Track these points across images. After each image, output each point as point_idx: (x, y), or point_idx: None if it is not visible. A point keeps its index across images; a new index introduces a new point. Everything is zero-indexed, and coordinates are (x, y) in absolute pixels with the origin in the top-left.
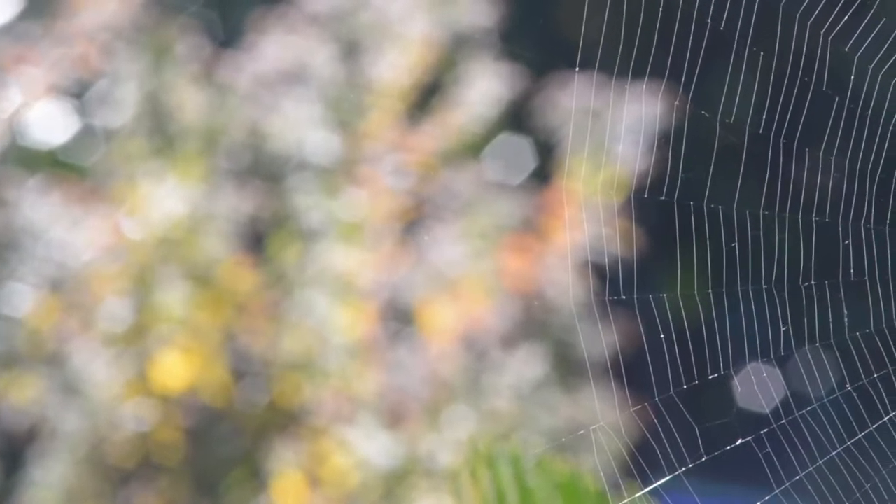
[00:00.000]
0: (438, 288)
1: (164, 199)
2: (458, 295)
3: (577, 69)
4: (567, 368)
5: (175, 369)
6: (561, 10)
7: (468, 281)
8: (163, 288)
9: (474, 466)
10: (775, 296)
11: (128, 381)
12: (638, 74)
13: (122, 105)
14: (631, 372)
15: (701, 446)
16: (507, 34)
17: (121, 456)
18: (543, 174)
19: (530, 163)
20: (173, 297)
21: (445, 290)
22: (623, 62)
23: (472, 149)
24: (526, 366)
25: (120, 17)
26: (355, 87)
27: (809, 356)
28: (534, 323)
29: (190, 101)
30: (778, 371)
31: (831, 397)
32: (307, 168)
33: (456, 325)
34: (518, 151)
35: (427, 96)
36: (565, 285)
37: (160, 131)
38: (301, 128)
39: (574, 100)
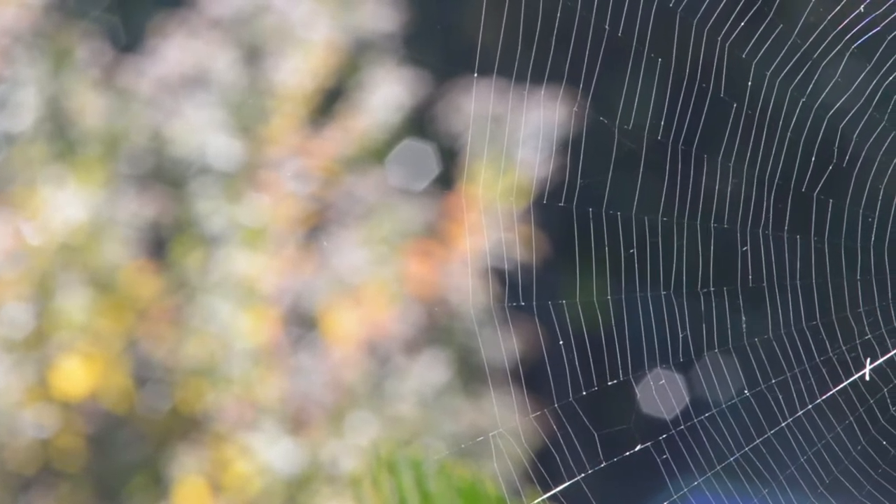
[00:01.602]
0: (341, 293)
1: (65, 204)
2: (361, 300)
3: (475, 75)
4: (470, 374)
5: (76, 375)
6: (463, 15)
7: (371, 286)
8: (64, 293)
9: (376, 472)
10: (674, 302)
11: (28, 387)
12: (537, 80)
13: (23, 110)
14: (532, 378)
15: (600, 452)
16: (410, 39)
17: (21, 462)
18: (446, 180)
19: (433, 168)
20: (74, 303)
21: (348, 296)
22: (523, 68)
23: (376, 154)
24: (428, 371)
25: (20, 21)
26: (257, 92)
27: (708, 362)
28: (436, 328)
29: (91, 106)
30: (677, 377)
31: (730, 403)
32: (209, 173)
33: (359, 331)
34: (421, 157)
35: (330, 101)
36: (468, 291)
37: (61, 136)
38: (203, 132)
39: (475, 105)
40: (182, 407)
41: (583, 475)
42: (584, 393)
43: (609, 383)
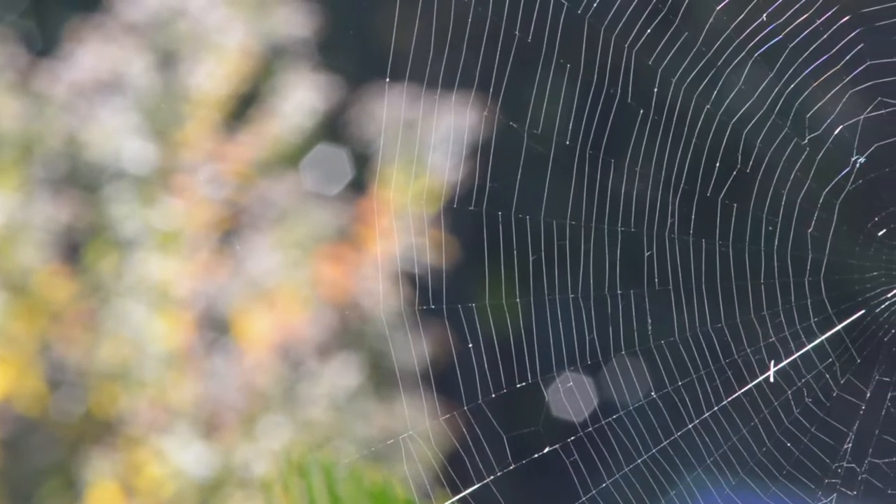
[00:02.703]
0: (255, 297)
1: None
2: (274, 304)
3: (387, 80)
4: (381, 377)
5: None
6: (376, 21)
7: (284, 290)
8: None
9: (286, 476)
10: (581, 305)
11: None
12: (448, 85)
13: None
14: (443, 381)
15: (509, 454)
16: (324, 45)
17: None
18: (360, 184)
19: (347, 173)
20: None
21: (261, 300)
22: (435, 74)
23: (290, 159)
24: (341, 375)
25: None
26: (172, 97)
27: (616, 364)
28: (349, 332)
29: (6, 110)
30: (585, 379)
31: (637, 405)
32: (124, 177)
33: (272, 335)
34: (335, 162)
35: (244, 106)
36: (379, 295)
37: None
38: (118, 137)
39: (387, 111)
40: (96, 410)
41: (492, 477)
42: (494, 395)
43: (518, 386)
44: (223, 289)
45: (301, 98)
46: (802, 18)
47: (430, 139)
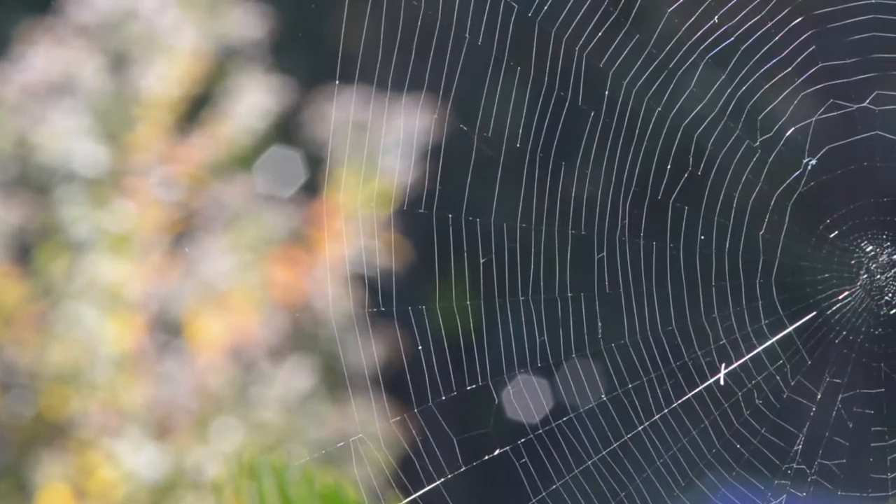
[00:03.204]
0: (207, 300)
1: None
2: (227, 307)
3: (336, 83)
4: (334, 380)
5: None
6: (328, 24)
7: (237, 293)
8: None
9: (238, 478)
10: (532, 308)
11: None
12: (399, 88)
13: None
14: (394, 383)
15: (460, 457)
16: (277, 47)
17: None
18: (313, 187)
19: (300, 175)
20: None
21: (214, 302)
22: (384, 76)
23: (243, 161)
24: (293, 377)
25: None
26: (124, 99)
27: (566, 367)
28: (301, 335)
29: None
30: (536, 382)
31: (588, 407)
32: (75, 179)
33: (224, 337)
34: (288, 164)
35: (196, 108)
36: (332, 297)
37: None
38: (69, 139)
39: (339, 113)
40: (47, 413)
41: (442, 480)
42: (444, 398)
43: (469, 388)
44: (175, 291)
45: (253, 100)
46: (754, 20)
47: (380, 142)
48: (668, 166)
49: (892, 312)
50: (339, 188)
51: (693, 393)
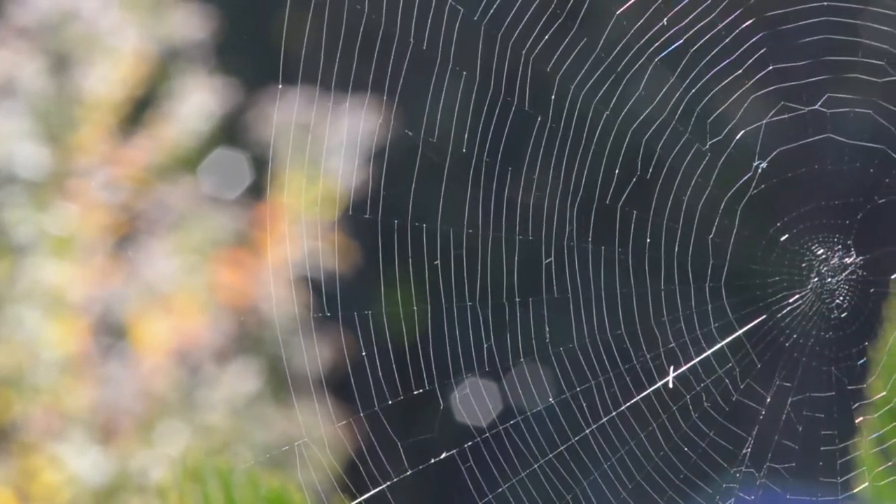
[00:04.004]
0: (151, 302)
1: None
2: (172, 309)
3: (280, 85)
4: (280, 383)
5: None
6: (273, 25)
7: (181, 295)
8: None
9: (182, 482)
10: (479, 313)
11: None
12: (344, 91)
13: None
14: (340, 387)
15: (405, 461)
16: (221, 49)
17: None
18: (259, 189)
19: (246, 177)
20: None
21: (158, 305)
22: (329, 79)
23: (187, 163)
24: (239, 380)
25: None
26: (66, 101)
27: (514, 371)
28: (247, 338)
29: None
30: (483, 386)
31: (535, 410)
32: (16, 182)
33: (169, 340)
34: (233, 166)
35: (140, 110)
36: (278, 300)
37: None
38: (9, 141)
39: (282, 116)
40: None
41: (388, 483)
42: (390, 402)
43: (415, 392)
44: (119, 294)
45: (197, 101)
46: (705, 22)
47: (324, 144)
48: (617, 170)
49: (842, 316)
50: (284, 190)
51: (641, 396)
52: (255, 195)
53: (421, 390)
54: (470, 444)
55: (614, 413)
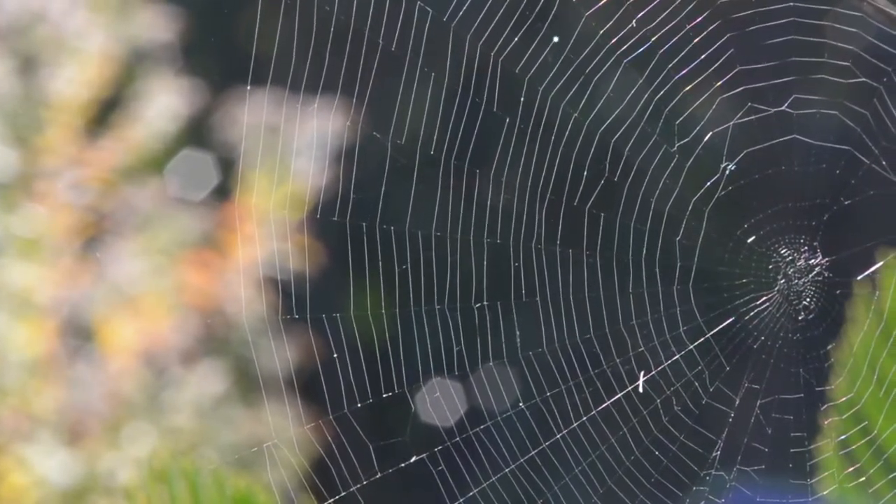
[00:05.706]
0: (118, 304)
1: None
2: (138, 311)
3: (248, 86)
4: (247, 384)
5: None
6: (240, 26)
7: (148, 297)
8: None
9: (149, 483)
10: (448, 316)
11: None
12: (312, 92)
13: None
14: (309, 389)
15: (375, 464)
16: (188, 50)
17: None
18: (226, 190)
19: (213, 178)
20: None
21: (125, 307)
22: (297, 80)
23: (154, 164)
24: (206, 382)
25: None
26: (32, 102)
27: (484, 375)
28: (214, 339)
29: None
30: (453, 390)
31: (505, 415)
32: None
33: (136, 342)
34: (200, 167)
35: (107, 111)
36: (245, 301)
37: None
38: None
39: (250, 116)
40: None
41: (358, 486)
42: (360, 405)
43: (384, 396)
44: (86, 295)
45: (164, 103)
46: (673, 24)
47: (292, 145)
48: (585, 172)
49: (809, 317)
50: (252, 191)
51: (612, 400)
52: (221, 196)
53: (391, 393)
54: (441, 447)
55: (585, 418)
